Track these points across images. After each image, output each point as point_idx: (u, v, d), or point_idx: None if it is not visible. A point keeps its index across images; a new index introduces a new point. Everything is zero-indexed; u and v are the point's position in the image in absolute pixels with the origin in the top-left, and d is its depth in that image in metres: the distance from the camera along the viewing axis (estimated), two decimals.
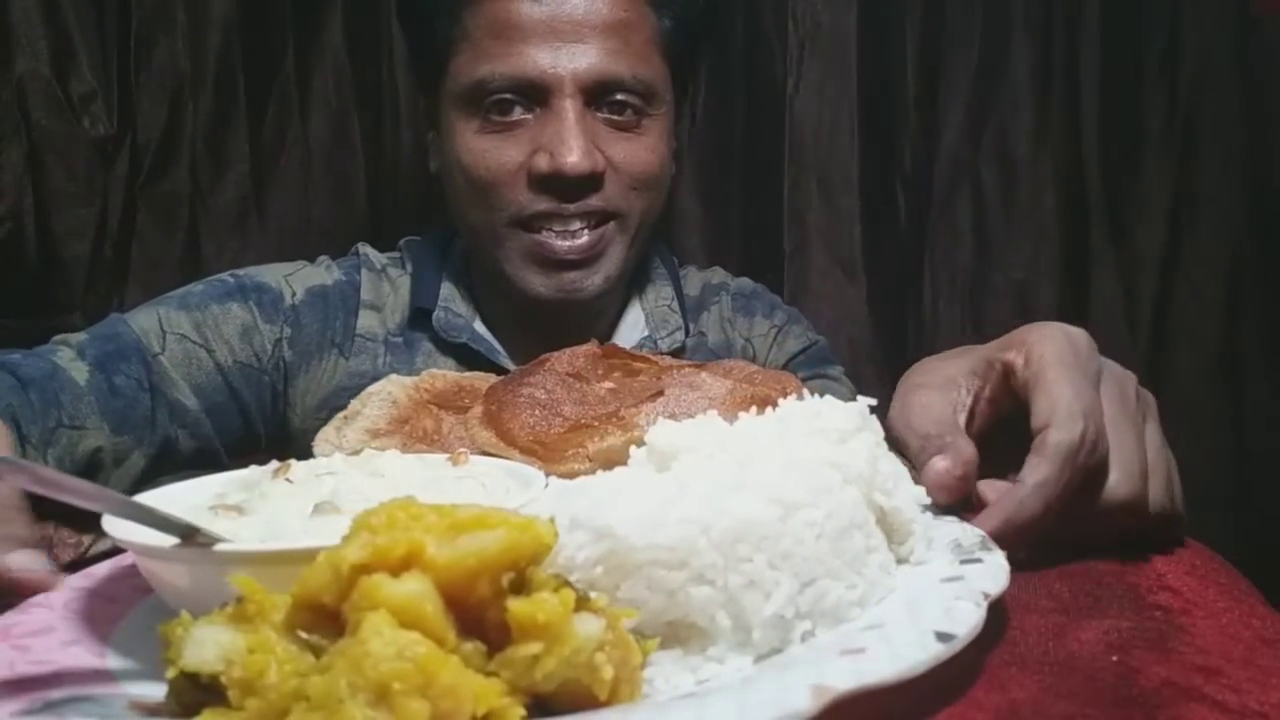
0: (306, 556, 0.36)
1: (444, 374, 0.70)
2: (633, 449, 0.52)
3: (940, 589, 0.44)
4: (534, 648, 0.35)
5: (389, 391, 0.67)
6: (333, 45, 1.42)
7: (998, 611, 0.41)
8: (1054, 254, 1.43)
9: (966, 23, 1.43)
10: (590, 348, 0.71)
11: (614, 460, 0.56)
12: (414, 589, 0.34)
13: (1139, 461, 0.57)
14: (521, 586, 0.36)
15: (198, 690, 0.35)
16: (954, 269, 1.46)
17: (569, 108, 0.98)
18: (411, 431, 0.64)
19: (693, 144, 1.47)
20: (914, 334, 1.47)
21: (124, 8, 1.33)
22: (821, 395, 1.23)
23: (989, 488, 0.57)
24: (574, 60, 0.98)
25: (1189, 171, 1.40)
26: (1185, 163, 1.40)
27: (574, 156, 0.97)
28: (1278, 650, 0.44)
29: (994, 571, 0.45)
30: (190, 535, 0.44)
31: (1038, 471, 0.55)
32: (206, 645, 0.35)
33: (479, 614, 0.35)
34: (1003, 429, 0.61)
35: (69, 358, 0.92)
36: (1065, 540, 0.56)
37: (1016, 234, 1.44)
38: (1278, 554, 1.11)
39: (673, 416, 0.60)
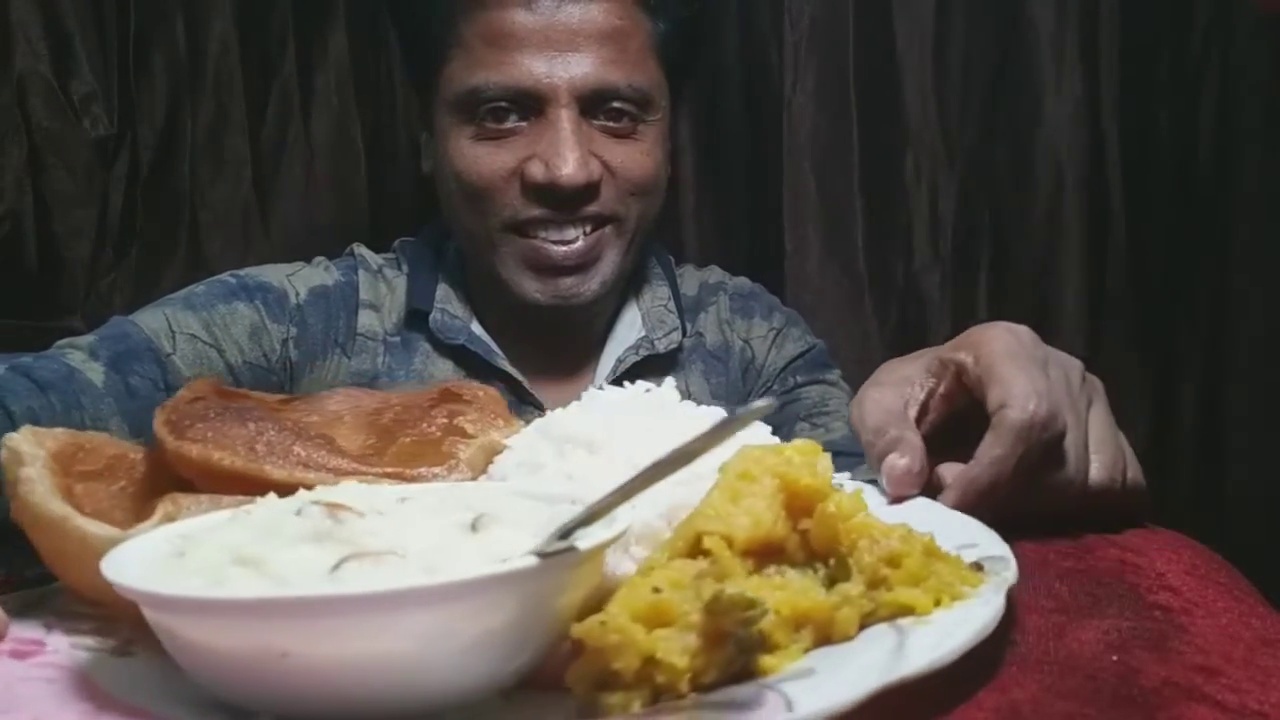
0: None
1: (51, 431, 0.58)
2: (526, 436, 0.56)
3: None
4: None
5: (38, 455, 0.54)
6: (334, 44, 1.42)
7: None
8: (1065, 253, 1.41)
9: (971, 16, 1.42)
10: (211, 383, 0.65)
11: (476, 465, 0.57)
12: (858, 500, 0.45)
13: (1080, 443, 0.61)
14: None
15: (737, 654, 0.38)
16: (959, 270, 1.45)
17: (565, 117, 0.98)
18: (79, 506, 0.52)
19: (691, 145, 1.47)
20: (916, 335, 1.46)
21: (124, 8, 1.33)
22: (822, 400, 1.22)
23: (946, 469, 0.61)
24: (569, 70, 0.98)
25: (1207, 169, 1.38)
26: (1203, 160, 1.38)
27: (569, 168, 0.97)
28: (1278, 650, 0.44)
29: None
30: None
31: (993, 448, 0.58)
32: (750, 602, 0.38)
33: None
34: (956, 426, 0.64)
35: (81, 359, 0.90)
36: (1016, 516, 0.57)
37: (1026, 234, 1.42)
38: (1278, 554, 1.11)
39: (492, 421, 0.63)
